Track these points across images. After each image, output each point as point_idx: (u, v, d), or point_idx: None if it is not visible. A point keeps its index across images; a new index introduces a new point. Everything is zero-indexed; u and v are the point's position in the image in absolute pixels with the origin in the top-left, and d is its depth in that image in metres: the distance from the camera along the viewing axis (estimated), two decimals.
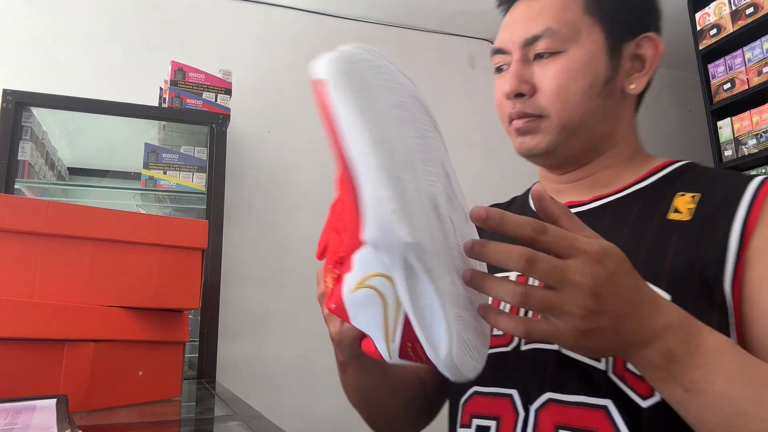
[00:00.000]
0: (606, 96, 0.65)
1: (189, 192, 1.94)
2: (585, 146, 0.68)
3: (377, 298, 0.40)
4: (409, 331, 0.40)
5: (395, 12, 2.73)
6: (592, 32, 0.65)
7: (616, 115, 0.68)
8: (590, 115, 0.65)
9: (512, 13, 0.76)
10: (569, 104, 0.64)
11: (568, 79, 0.64)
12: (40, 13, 2.26)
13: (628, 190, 0.66)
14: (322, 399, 2.33)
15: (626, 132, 0.70)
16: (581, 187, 0.71)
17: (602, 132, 0.67)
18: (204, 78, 2.01)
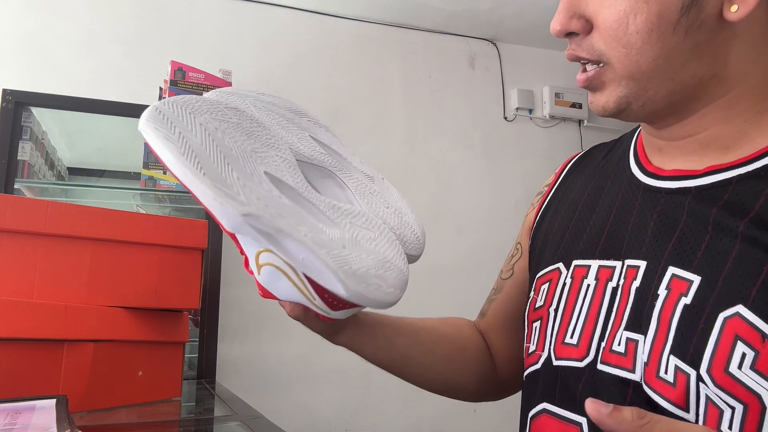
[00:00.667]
0: (688, 31, 0.47)
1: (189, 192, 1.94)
2: (672, 97, 0.49)
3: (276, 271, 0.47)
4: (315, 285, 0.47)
5: (395, 12, 2.73)
6: None
7: (718, 51, 0.48)
8: (668, 59, 0.47)
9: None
10: (631, 47, 0.48)
11: (626, 11, 0.47)
12: (40, 13, 2.26)
13: (759, 162, 0.47)
14: (322, 399, 2.33)
15: (747, 71, 0.48)
16: (690, 148, 0.52)
17: (697, 76, 0.49)
18: (204, 78, 2.00)
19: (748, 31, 0.48)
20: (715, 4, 0.46)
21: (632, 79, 0.49)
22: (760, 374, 0.40)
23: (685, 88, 0.49)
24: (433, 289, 2.62)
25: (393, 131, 2.73)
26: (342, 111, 2.66)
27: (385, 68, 2.77)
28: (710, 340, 0.42)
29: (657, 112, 0.51)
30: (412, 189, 2.70)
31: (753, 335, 0.40)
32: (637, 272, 0.49)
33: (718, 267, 0.44)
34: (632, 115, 0.52)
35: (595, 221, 0.57)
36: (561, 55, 3.14)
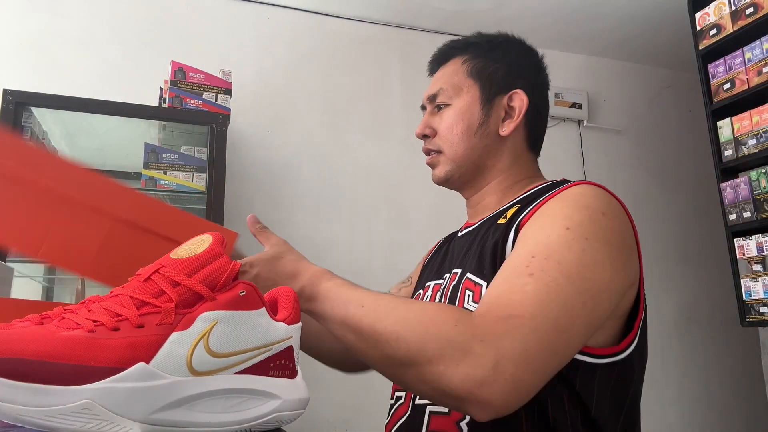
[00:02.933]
0: (482, 136, 0.89)
1: (189, 192, 1.94)
2: (472, 174, 0.92)
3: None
4: None
5: (395, 12, 2.73)
6: (470, 90, 0.90)
7: (496, 152, 0.90)
8: (471, 150, 0.89)
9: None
10: (454, 142, 0.90)
11: (451, 124, 0.90)
12: (40, 13, 2.26)
13: (497, 210, 0.88)
14: (322, 399, 2.33)
15: (508, 167, 0.91)
16: (476, 212, 0.94)
17: (485, 165, 0.91)
18: (204, 78, 2.01)
19: (513, 144, 0.91)
20: (495, 125, 0.89)
21: (453, 160, 0.91)
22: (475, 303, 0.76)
23: (479, 172, 0.91)
24: None
25: (393, 131, 2.73)
26: (342, 111, 2.66)
27: (385, 68, 2.77)
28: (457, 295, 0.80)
29: (465, 183, 0.94)
30: (412, 189, 2.70)
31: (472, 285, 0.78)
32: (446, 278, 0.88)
33: (464, 261, 0.85)
34: (453, 184, 0.95)
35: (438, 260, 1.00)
36: (561, 55, 3.15)
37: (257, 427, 0.48)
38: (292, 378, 0.53)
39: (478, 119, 0.89)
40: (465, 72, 0.91)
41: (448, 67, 0.95)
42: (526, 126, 0.90)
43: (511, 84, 0.90)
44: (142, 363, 0.42)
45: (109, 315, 0.43)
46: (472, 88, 0.90)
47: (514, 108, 0.89)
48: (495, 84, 0.90)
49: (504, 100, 0.89)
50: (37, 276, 2.04)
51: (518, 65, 0.92)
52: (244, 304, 0.47)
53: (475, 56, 0.92)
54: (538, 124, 0.93)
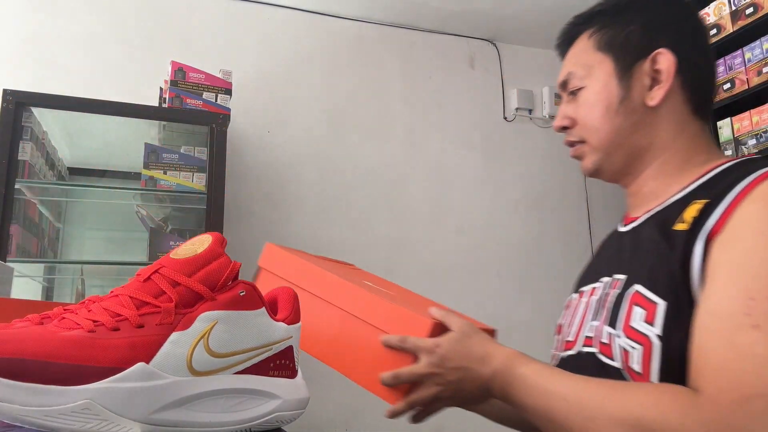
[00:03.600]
0: (626, 113, 0.75)
1: (189, 192, 1.94)
2: (625, 159, 0.78)
3: None
4: None
5: (395, 12, 2.73)
6: (603, 64, 0.77)
7: (648, 128, 0.75)
8: (617, 133, 0.76)
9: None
10: (595, 128, 0.77)
11: (589, 109, 0.77)
12: (40, 13, 2.26)
13: (667, 202, 0.72)
14: (322, 399, 2.33)
15: (670, 142, 0.75)
16: (637, 203, 0.79)
17: (637, 144, 0.76)
18: (204, 78, 2.01)
19: (670, 115, 0.75)
20: (639, 96, 0.75)
21: (599, 148, 0.78)
22: (647, 324, 0.62)
23: (632, 153, 0.77)
24: (433, 289, 2.62)
25: (393, 131, 2.73)
26: (342, 111, 2.66)
27: (385, 68, 2.77)
28: (621, 308, 0.67)
29: (619, 171, 0.79)
30: (412, 189, 2.70)
31: (645, 301, 0.64)
32: (606, 283, 0.74)
33: (631, 267, 0.70)
34: (605, 174, 0.81)
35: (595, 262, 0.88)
36: None
37: (257, 427, 0.48)
38: (292, 378, 0.53)
39: (618, 95, 0.75)
40: (593, 46, 0.79)
41: (576, 46, 0.82)
42: (684, 87, 0.75)
43: (652, 45, 0.75)
44: (142, 363, 0.42)
45: (109, 315, 0.43)
46: (604, 62, 0.77)
47: (660, 71, 0.74)
48: (631, 50, 0.75)
49: (646, 65, 0.75)
50: (37, 276, 2.04)
51: (656, 21, 0.77)
52: (243, 304, 0.47)
53: (602, 26, 0.79)
54: (699, 82, 0.76)
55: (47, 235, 2.06)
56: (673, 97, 0.75)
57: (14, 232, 1.71)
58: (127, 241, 2.22)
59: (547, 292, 2.82)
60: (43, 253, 2.03)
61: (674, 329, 0.59)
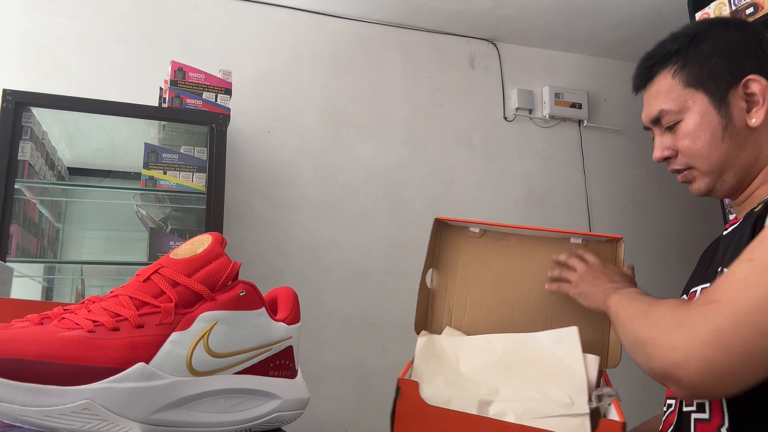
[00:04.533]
0: (731, 137, 0.82)
1: (189, 192, 1.94)
2: (737, 177, 0.85)
3: None
4: None
5: (395, 12, 2.73)
6: (696, 98, 0.83)
7: (753, 145, 0.83)
8: (726, 156, 0.83)
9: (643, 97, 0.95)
10: (703, 156, 0.84)
11: (692, 140, 0.84)
12: (40, 13, 2.26)
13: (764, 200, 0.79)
14: (322, 399, 2.33)
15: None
16: (743, 208, 0.87)
17: (746, 162, 0.84)
18: (204, 78, 2.00)
19: (765, 130, 0.82)
20: (741, 120, 0.81)
21: (710, 173, 0.85)
22: None
23: (743, 171, 0.84)
24: None
25: (393, 131, 2.73)
26: (342, 111, 2.66)
27: (385, 68, 2.77)
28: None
29: (732, 188, 0.86)
30: (412, 189, 2.70)
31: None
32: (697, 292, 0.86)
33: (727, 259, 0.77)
34: (717, 194, 0.88)
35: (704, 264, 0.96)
36: (561, 55, 3.15)
37: (257, 427, 0.48)
38: (292, 378, 0.53)
39: (720, 124, 0.82)
40: (681, 84, 0.85)
41: (659, 84, 0.88)
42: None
43: (739, 72, 0.81)
44: (141, 363, 0.42)
45: (108, 315, 0.43)
46: (696, 96, 0.83)
47: (755, 93, 0.81)
48: (720, 82, 0.82)
49: (739, 91, 0.81)
50: (37, 276, 2.04)
51: (735, 49, 0.83)
52: (243, 304, 0.47)
53: (684, 63, 0.85)
54: None
55: (47, 235, 2.06)
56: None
57: (14, 232, 1.71)
58: (127, 241, 2.22)
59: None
60: (43, 253, 2.03)
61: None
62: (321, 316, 2.41)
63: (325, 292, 2.45)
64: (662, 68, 0.87)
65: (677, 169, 0.89)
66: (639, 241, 2.96)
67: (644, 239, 2.98)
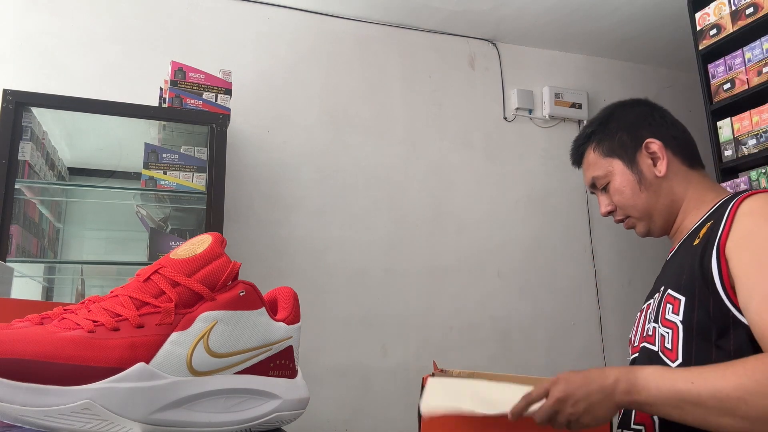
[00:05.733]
0: (647, 188, 1.04)
1: (189, 192, 1.94)
2: (663, 217, 1.06)
3: None
4: None
5: (395, 12, 2.73)
6: (614, 164, 1.07)
7: (666, 190, 1.04)
8: (648, 203, 1.05)
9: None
10: (631, 206, 1.06)
11: (620, 195, 1.07)
12: (40, 13, 2.26)
13: (690, 230, 1.00)
14: (322, 399, 2.33)
15: (684, 194, 1.04)
16: (676, 239, 1.06)
17: (665, 204, 1.05)
18: (204, 78, 2.00)
19: (676, 176, 1.04)
20: (650, 173, 1.04)
21: (643, 217, 1.07)
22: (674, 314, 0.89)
23: (666, 211, 1.05)
24: (433, 289, 2.62)
25: (393, 131, 2.73)
26: (342, 111, 2.66)
27: (384, 68, 2.77)
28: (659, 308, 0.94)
29: (663, 227, 1.07)
30: (412, 189, 2.70)
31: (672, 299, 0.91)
32: (656, 297, 0.99)
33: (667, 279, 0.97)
34: (655, 233, 1.09)
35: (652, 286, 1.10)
36: (561, 55, 3.15)
37: (257, 427, 0.48)
38: (292, 378, 0.53)
39: (636, 179, 1.05)
40: (602, 156, 1.09)
41: (587, 159, 1.13)
42: (675, 154, 1.04)
43: (640, 138, 1.05)
44: (142, 363, 0.42)
45: (108, 315, 0.43)
46: (614, 163, 1.07)
47: (655, 151, 1.04)
48: (628, 148, 1.06)
49: (643, 152, 1.05)
50: (37, 276, 2.04)
51: (633, 122, 1.08)
52: (243, 304, 0.47)
53: (599, 141, 1.10)
54: (682, 144, 1.06)
55: (47, 235, 2.06)
56: (672, 164, 1.04)
57: (14, 232, 1.71)
58: (127, 241, 2.22)
59: (547, 292, 2.82)
60: (43, 253, 2.03)
61: (691, 315, 0.86)
62: (321, 316, 2.41)
63: (325, 292, 2.45)
64: (587, 147, 1.12)
65: (619, 219, 1.11)
66: (639, 241, 2.96)
67: (644, 239, 2.97)
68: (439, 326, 2.58)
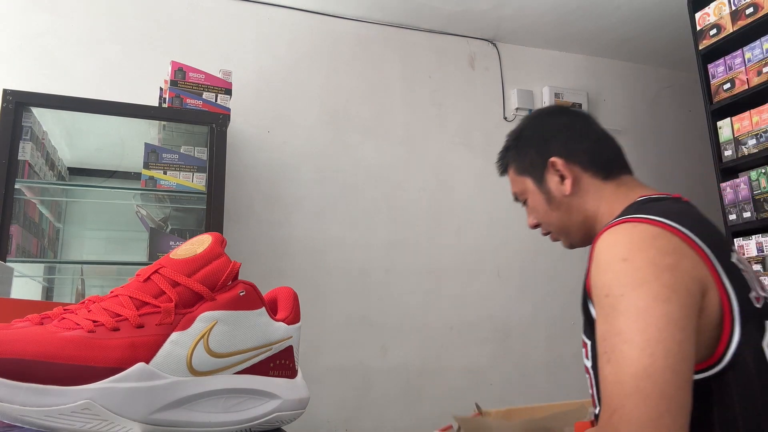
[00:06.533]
0: (558, 206, 1.03)
1: (189, 192, 1.94)
2: (581, 233, 1.04)
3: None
4: None
5: (395, 12, 2.73)
6: (526, 183, 1.07)
7: (577, 207, 1.01)
8: (561, 220, 1.04)
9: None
10: (547, 223, 1.06)
11: (536, 213, 1.07)
12: (40, 13, 2.26)
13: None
14: (322, 399, 2.33)
15: (597, 208, 1.00)
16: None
17: (579, 220, 1.02)
18: (204, 78, 2.00)
19: (586, 191, 1.00)
20: (559, 192, 1.01)
21: (561, 233, 1.06)
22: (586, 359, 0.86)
23: (581, 227, 1.02)
24: (433, 289, 2.62)
25: (393, 131, 2.73)
26: (342, 111, 2.66)
27: (385, 68, 2.77)
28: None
29: (583, 240, 1.04)
30: (412, 189, 2.70)
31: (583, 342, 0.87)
32: None
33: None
34: (577, 246, 1.07)
35: None
36: (561, 55, 3.15)
37: (257, 427, 0.48)
38: (292, 378, 0.53)
39: (545, 198, 1.04)
40: (516, 173, 1.09)
41: (509, 173, 1.13)
42: (585, 168, 1.00)
43: (546, 156, 1.02)
44: (142, 363, 0.42)
45: (108, 315, 0.43)
46: (526, 181, 1.07)
47: (560, 170, 1.00)
48: (536, 167, 1.04)
49: (550, 171, 1.02)
50: (37, 276, 2.04)
51: (538, 139, 1.05)
52: (243, 304, 0.47)
53: (513, 158, 1.10)
54: (593, 156, 1.01)
55: (47, 235, 2.06)
56: (581, 179, 1.00)
57: (14, 232, 1.71)
58: (127, 241, 2.22)
59: (547, 292, 2.82)
60: (43, 253, 2.03)
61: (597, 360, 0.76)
62: (321, 316, 2.41)
63: (326, 292, 2.45)
64: (505, 162, 1.13)
65: (544, 233, 1.10)
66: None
67: None
68: (439, 326, 2.58)
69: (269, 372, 0.50)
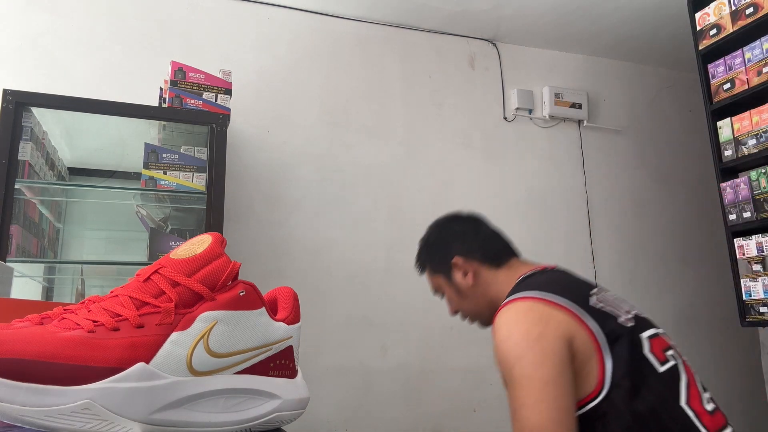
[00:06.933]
0: (466, 297, 1.26)
1: (189, 192, 1.94)
2: (488, 313, 1.22)
3: None
4: None
5: (395, 12, 2.73)
6: (439, 280, 1.30)
7: (481, 295, 1.24)
8: (470, 307, 1.27)
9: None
10: (462, 310, 1.29)
11: (452, 303, 1.30)
12: (40, 13, 2.26)
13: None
14: (322, 399, 2.33)
15: (497, 292, 1.20)
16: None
17: (485, 304, 1.24)
18: (204, 78, 2.00)
19: (484, 281, 1.24)
20: (465, 284, 1.25)
21: (475, 318, 1.28)
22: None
23: (490, 310, 1.20)
24: None
25: (393, 131, 2.73)
26: (342, 111, 2.66)
27: (385, 68, 2.77)
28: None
29: (491, 320, 1.12)
30: (412, 189, 2.70)
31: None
32: None
33: None
34: (486, 324, 1.26)
35: None
36: (561, 55, 3.15)
37: (257, 427, 0.48)
38: (292, 378, 0.53)
39: (455, 291, 1.27)
40: (430, 273, 1.33)
41: (426, 274, 1.35)
42: (481, 262, 1.24)
43: (449, 257, 1.26)
44: (142, 363, 0.42)
45: (108, 315, 0.43)
46: (439, 278, 1.30)
47: (460, 267, 1.25)
48: (442, 268, 1.28)
49: (455, 269, 1.26)
50: (37, 276, 2.04)
51: (439, 247, 1.31)
52: (243, 304, 0.47)
53: (425, 260, 1.34)
54: (485, 252, 1.25)
55: (47, 235, 2.06)
56: (479, 271, 1.24)
57: (14, 232, 1.71)
58: (127, 241, 2.22)
59: None
60: (43, 253, 2.03)
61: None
62: (321, 316, 2.41)
63: (325, 292, 2.45)
64: (422, 264, 1.35)
65: (463, 317, 1.30)
66: (639, 241, 2.96)
67: (644, 239, 2.98)
68: (439, 326, 2.58)
69: (269, 372, 0.50)
